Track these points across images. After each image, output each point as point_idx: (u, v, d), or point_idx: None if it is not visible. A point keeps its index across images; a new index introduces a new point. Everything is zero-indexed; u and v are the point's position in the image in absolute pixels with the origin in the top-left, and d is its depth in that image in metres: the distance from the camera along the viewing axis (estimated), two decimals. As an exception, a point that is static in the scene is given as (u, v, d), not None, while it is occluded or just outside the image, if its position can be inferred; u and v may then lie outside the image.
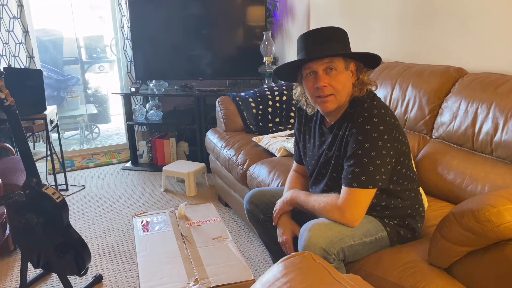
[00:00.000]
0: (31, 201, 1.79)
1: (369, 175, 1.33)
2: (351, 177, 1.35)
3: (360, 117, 1.35)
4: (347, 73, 1.41)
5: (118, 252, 2.40)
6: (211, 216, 1.84)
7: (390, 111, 1.40)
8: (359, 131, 1.34)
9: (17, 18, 3.29)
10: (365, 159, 1.33)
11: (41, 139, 3.56)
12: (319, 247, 1.30)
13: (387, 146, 1.34)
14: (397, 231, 1.44)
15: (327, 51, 1.37)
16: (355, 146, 1.35)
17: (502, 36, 1.88)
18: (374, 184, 1.34)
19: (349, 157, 1.37)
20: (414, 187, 1.50)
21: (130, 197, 3.18)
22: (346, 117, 1.43)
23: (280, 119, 2.99)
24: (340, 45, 1.39)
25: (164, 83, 3.79)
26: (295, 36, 3.55)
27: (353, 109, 1.41)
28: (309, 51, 1.39)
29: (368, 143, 1.33)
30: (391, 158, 1.36)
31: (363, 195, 1.35)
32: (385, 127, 1.34)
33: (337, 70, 1.38)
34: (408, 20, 2.39)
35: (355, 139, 1.35)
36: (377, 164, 1.33)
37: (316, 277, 0.68)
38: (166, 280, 1.37)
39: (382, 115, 1.35)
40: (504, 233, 1.10)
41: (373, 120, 1.33)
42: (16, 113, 1.74)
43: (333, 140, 1.47)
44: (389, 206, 1.44)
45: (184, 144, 3.91)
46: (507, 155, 1.60)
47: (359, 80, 1.43)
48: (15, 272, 2.22)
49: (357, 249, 1.37)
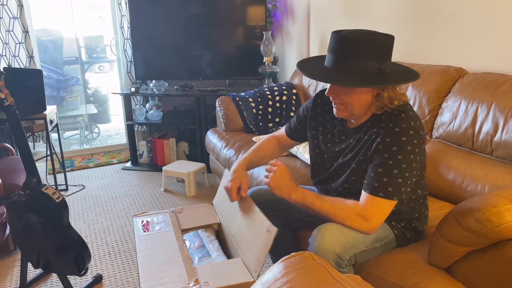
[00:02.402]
0: (31, 201, 1.78)
1: (396, 187, 1.29)
2: (378, 185, 1.30)
3: (396, 127, 1.30)
4: (362, 89, 1.31)
5: (118, 252, 2.40)
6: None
7: (422, 123, 1.36)
8: (394, 141, 1.29)
9: (17, 18, 3.29)
10: (395, 170, 1.29)
11: (41, 139, 3.56)
12: (333, 253, 1.27)
13: (417, 160, 1.31)
14: (404, 233, 1.44)
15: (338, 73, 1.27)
16: (387, 156, 1.29)
17: (502, 36, 1.88)
18: (399, 196, 1.31)
19: (377, 165, 1.31)
20: (425, 193, 1.49)
21: (130, 197, 3.18)
22: (377, 123, 1.35)
23: (280, 119, 2.99)
24: (358, 61, 1.26)
25: (164, 83, 3.79)
26: (295, 36, 3.55)
27: (387, 116, 1.33)
28: (327, 61, 1.32)
29: (401, 155, 1.28)
30: (417, 171, 1.34)
31: (387, 206, 1.31)
32: (419, 141, 1.30)
33: (350, 89, 1.31)
34: (408, 20, 2.38)
35: (388, 148, 1.29)
36: (405, 177, 1.29)
37: (316, 277, 0.68)
38: (166, 280, 1.37)
39: (418, 127, 1.31)
40: (504, 233, 1.09)
41: (409, 133, 1.29)
42: (16, 113, 1.74)
43: (357, 143, 1.41)
44: (399, 211, 1.41)
45: (184, 144, 3.91)
46: (507, 155, 1.60)
47: (380, 95, 1.32)
48: (15, 272, 2.22)
49: (368, 253, 1.36)
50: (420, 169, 1.36)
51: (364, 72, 1.26)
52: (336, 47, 1.30)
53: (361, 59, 1.26)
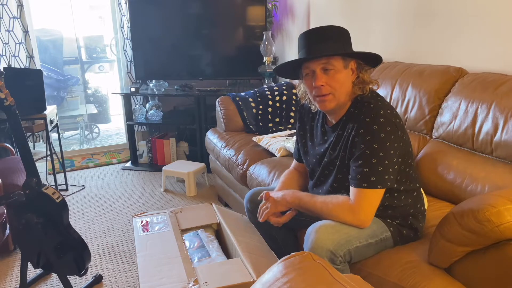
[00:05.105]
0: (31, 201, 1.78)
1: (378, 175, 1.33)
2: (361, 177, 1.34)
3: (367, 117, 1.35)
4: (346, 71, 1.41)
5: (118, 252, 2.40)
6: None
7: (395, 111, 1.40)
8: (367, 132, 1.34)
9: (17, 18, 3.29)
10: (374, 159, 1.33)
11: (41, 139, 3.56)
12: (326, 249, 1.29)
13: (394, 146, 1.34)
14: (400, 231, 1.44)
15: (324, 50, 1.36)
16: (363, 147, 1.34)
17: (502, 36, 1.88)
18: (384, 184, 1.34)
19: (357, 158, 1.36)
20: (417, 186, 1.50)
21: (130, 197, 3.18)
22: (351, 117, 1.42)
23: (280, 119, 2.99)
24: (339, 44, 1.39)
25: (164, 83, 3.79)
26: (295, 36, 3.55)
27: (358, 109, 1.40)
28: (308, 50, 1.39)
29: (376, 143, 1.33)
30: (398, 158, 1.37)
31: (374, 196, 1.35)
32: (392, 128, 1.34)
33: (335, 69, 1.38)
34: (408, 20, 2.38)
35: (362, 139, 1.34)
36: (385, 164, 1.33)
37: (316, 277, 0.68)
38: (165, 281, 1.37)
39: (388, 115, 1.35)
40: (504, 233, 1.09)
41: (380, 121, 1.33)
42: (16, 113, 1.74)
43: (337, 140, 1.46)
44: (392, 205, 1.44)
45: (184, 144, 3.91)
46: (507, 155, 1.60)
47: (359, 78, 1.42)
48: (15, 272, 2.22)
49: (363, 250, 1.37)
50: (401, 156, 1.38)
51: (341, 49, 1.38)
52: (307, 40, 1.41)
53: (330, 42, 1.37)
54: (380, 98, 1.43)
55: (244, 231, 1.67)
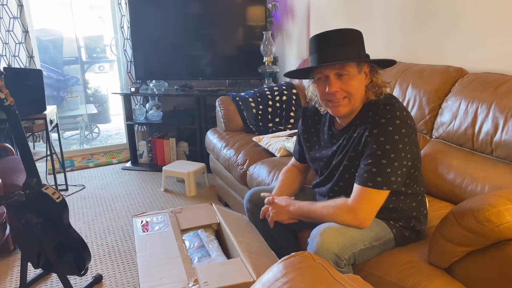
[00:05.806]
0: (31, 201, 1.78)
1: (385, 177, 1.32)
2: (367, 176, 1.33)
3: (382, 118, 1.34)
4: (360, 76, 1.39)
5: (118, 252, 2.40)
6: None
7: (410, 113, 1.39)
8: (381, 132, 1.32)
9: (17, 18, 3.29)
10: (384, 160, 1.31)
11: (41, 139, 3.56)
12: (332, 253, 1.28)
13: (407, 149, 1.33)
14: (403, 233, 1.44)
15: (339, 56, 1.34)
16: (375, 147, 1.33)
17: (502, 36, 1.88)
18: (389, 186, 1.32)
19: (367, 157, 1.35)
20: (422, 189, 1.49)
21: (130, 197, 3.18)
22: (364, 119, 1.40)
23: (280, 119, 2.99)
24: (353, 48, 1.36)
25: (164, 83, 3.79)
26: (295, 36, 3.55)
27: (373, 112, 1.38)
28: (321, 55, 1.36)
29: (389, 145, 1.31)
30: (408, 161, 1.35)
31: (377, 196, 1.33)
32: (407, 130, 1.33)
33: (349, 75, 1.36)
34: (408, 20, 2.38)
35: (376, 139, 1.33)
36: (394, 167, 1.32)
37: (316, 277, 0.68)
38: (165, 281, 1.37)
39: (404, 117, 1.34)
40: (504, 233, 1.09)
41: (395, 122, 1.32)
42: (16, 113, 1.74)
43: (346, 142, 1.44)
44: (396, 208, 1.43)
45: (184, 144, 3.91)
46: (507, 155, 1.60)
47: (373, 82, 1.41)
48: (15, 272, 2.22)
49: (367, 252, 1.37)
50: (411, 159, 1.37)
51: (352, 56, 1.36)
52: (321, 44, 1.38)
53: (345, 46, 1.35)
54: (395, 100, 1.41)
55: (244, 231, 1.67)
